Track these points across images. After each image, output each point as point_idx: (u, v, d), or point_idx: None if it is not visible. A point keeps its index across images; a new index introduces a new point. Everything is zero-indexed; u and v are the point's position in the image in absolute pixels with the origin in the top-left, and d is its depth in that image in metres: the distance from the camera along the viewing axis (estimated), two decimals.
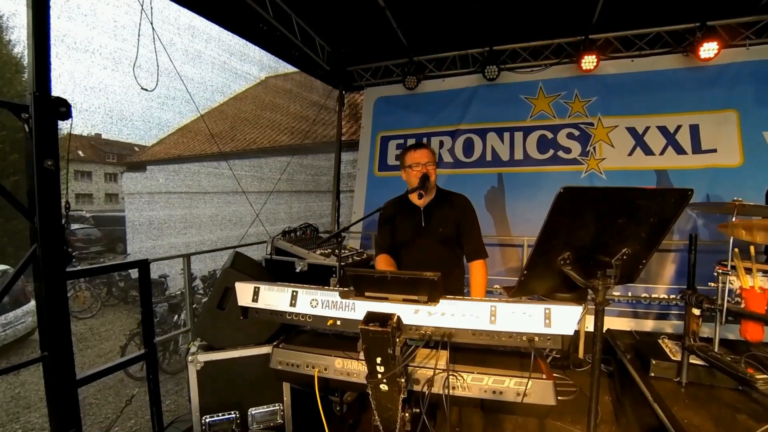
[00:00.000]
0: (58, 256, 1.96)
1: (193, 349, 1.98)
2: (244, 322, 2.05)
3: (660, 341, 3.04)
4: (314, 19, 4.66)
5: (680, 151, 4.36)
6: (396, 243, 2.31)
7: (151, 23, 2.90)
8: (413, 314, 1.27)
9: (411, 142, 5.09)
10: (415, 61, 5.16)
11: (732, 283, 2.10)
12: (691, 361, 2.59)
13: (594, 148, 4.57)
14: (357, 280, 1.36)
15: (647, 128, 4.49)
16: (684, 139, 4.38)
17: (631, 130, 4.53)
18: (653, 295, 4.07)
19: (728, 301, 2.09)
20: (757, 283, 2.02)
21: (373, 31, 4.73)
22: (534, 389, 1.42)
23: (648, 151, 4.45)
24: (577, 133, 4.66)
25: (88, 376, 2.23)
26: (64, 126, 1.98)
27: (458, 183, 4.73)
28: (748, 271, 2.08)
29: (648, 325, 4.09)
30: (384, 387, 1.32)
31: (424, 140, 5.07)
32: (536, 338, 1.20)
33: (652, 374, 2.71)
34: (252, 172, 6.80)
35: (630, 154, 4.48)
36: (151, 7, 3.16)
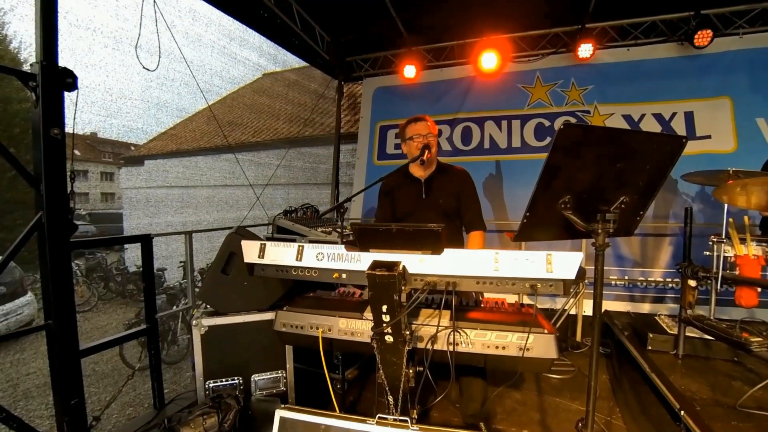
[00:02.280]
0: (63, 225, 1.97)
1: (197, 314, 2.00)
2: (248, 288, 2.09)
3: (657, 318, 3.09)
4: (314, 7, 4.68)
5: None
6: (397, 215, 2.34)
7: (155, 1, 2.92)
8: (418, 263, 1.30)
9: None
10: (413, 51, 5.19)
11: (726, 252, 2.14)
12: (688, 333, 2.64)
13: None
14: (362, 235, 1.39)
15: (643, 116, 4.55)
16: (679, 126, 4.44)
17: (627, 118, 4.59)
18: (649, 279, 4.13)
19: (723, 269, 2.14)
20: (751, 250, 2.07)
21: (372, 20, 4.76)
22: (536, 343, 1.45)
23: None
24: (574, 120, 4.71)
25: (92, 347, 2.24)
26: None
27: None
28: (742, 240, 2.12)
29: (645, 308, 4.14)
30: (389, 338, 1.35)
31: None
32: (539, 284, 1.23)
33: (650, 348, 2.76)
34: (250, 157, 6.84)
35: None
36: None
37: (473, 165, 4.91)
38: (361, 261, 1.33)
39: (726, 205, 2.15)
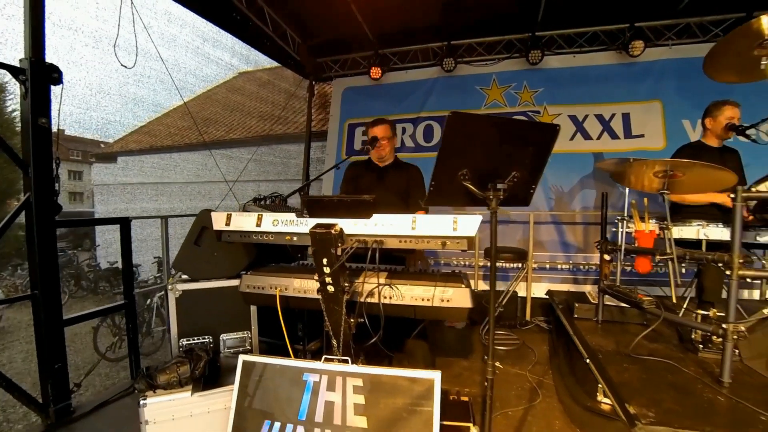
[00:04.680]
0: (49, 205, 2.20)
1: (173, 280, 2.26)
2: (217, 257, 2.37)
3: (587, 292, 3.51)
4: (286, 11, 4.93)
5: (614, 136, 4.90)
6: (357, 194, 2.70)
7: (132, 3, 3.14)
8: (353, 226, 1.62)
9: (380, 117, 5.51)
10: (380, 54, 5.53)
11: (629, 229, 2.55)
12: (607, 302, 3.06)
13: None
14: (310, 205, 1.71)
15: (586, 116, 5.02)
16: (617, 125, 4.92)
17: (573, 118, 5.05)
18: (591, 262, 4.58)
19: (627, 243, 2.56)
20: (648, 226, 2.48)
21: (341, 25, 5.06)
22: (455, 295, 1.79)
23: (587, 136, 4.97)
24: (525, 120, 5.14)
25: (74, 317, 2.47)
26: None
27: (419, 166, 5.12)
28: (642, 219, 2.54)
29: (587, 289, 4.58)
30: (330, 288, 1.66)
31: None
32: (448, 241, 1.57)
33: (576, 316, 3.16)
34: (221, 152, 7.04)
35: (571, 139, 5.00)
36: None
37: (434, 160, 5.27)
38: (309, 225, 1.64)
39: (627, 189, 2.57)
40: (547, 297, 4.24)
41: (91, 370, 2.87)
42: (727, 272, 1.90)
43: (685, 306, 2.61)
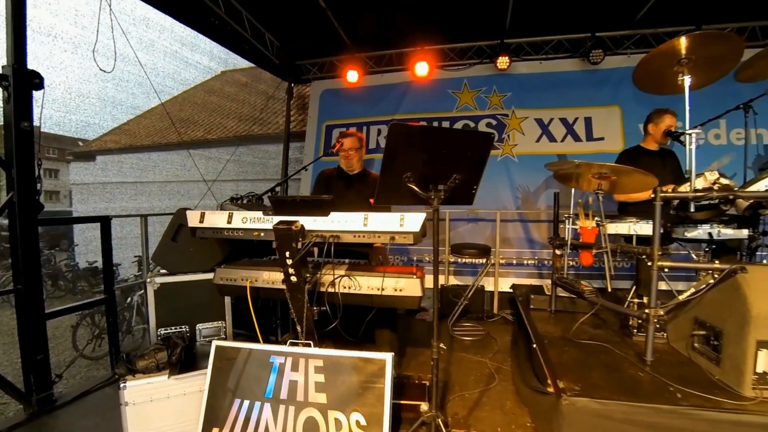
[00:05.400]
0: (32, 203, 2.33)
1: (151, 274, 2.42)
2: (193, 252, 2.53)
3: (544, 285, 3.77)
4: (264, 15, 5.05)
5: (577, 138, 5.20)
6: None
7: (110, 6, 3.26)
8: (312, 223, 1.81)
9: (352, 130, 5.67)
10: (356, 57, 5.71)
11: (576, 225, 2.81)
12: (559, 293, 3.32)
13: (508, 136, 5.34)
14: (276, 204, 1.90)
15: (551, 119, 5.31)
16: (580, 129, 5.22)
17: (539, 121, 5.33)
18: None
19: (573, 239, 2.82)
20: (590, 223, 2.74)
21: (318, 29, 5.22)
22: (407, 285, 2.01)
23: (552, 139, 5.26)
24: (494, 122, 5.42)
25: (56, 311, 2.60)
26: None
27: None
28: (587, 216, 2.79)
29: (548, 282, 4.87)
30: (294, 278, 1.85)
31: (364, 129, 5.67)
32: (396, 236, 1.78)
33: (532, 306, 3.42)
34: (200, 152, 7.13)
35: (537, 141, 5.28)
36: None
37: None
38: (274, 222, 1.83)
39: (573, 189, 2.83)
40: (511, 291, 4.50)
41: (73, 361, 2.99)
42: (649, 263, 2.16)
43: (630, 297, 2.88)
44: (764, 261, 3.13)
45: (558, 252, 3.09)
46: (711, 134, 4.87)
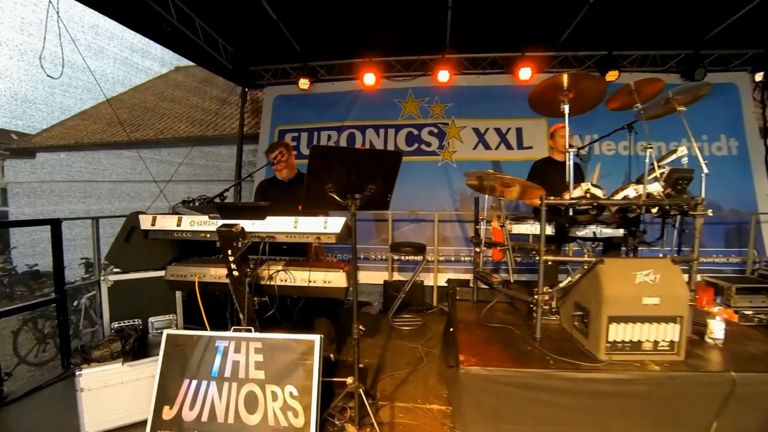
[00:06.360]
0: None
1: (105, 272, 2.62)
2: (145, 252, 2.77)
3: (470, 279, 4.24)
4: (217, 23, 5.20)
5: (509, 147, 5.78)
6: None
7: (57, 13, 3.38)
8: (251, 225, 2.13)
9: (305, 135, 5.99)
10: (308, 66, 6.01)
11: (489, 225, 3.29)
12: (480, 286, 3.79)
13: (448, 143, 5.85)
14: (220, 209, 2.20)
15: (487, 129, 5.86)
16: (512, 138, 5.81)
17: (476, 130, 5.86)
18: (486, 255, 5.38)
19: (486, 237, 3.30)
20: (499, 222, 3.22)
21: (271, 38, 5.45)
22: (334, 278, 2.37)
23: (487, 147, 5.81)
24: (436, 131, 5.90)
25: (2, 311, 2.74)
26: None
27: None
28: (498, 218, 3.27)
29: None
30: (236, 273, 2.17)
31: (315, 134, 6.00)
32: (321, 236, 2.14)
33: (458, 298, 3.87)
34: (151, 154, 7.14)
35: (474, 149, 5.82)
36: (57, 8, 3.62)
37: None
38: (218, 225, 2.13)
39: (486, 195, 3.30)
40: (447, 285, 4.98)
41: (21, 362, 3.12)
42: (537, 258, 2.65)
43: (540, 288, 3.39)
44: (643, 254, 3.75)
45: (478, 249, 3.56)
46: (604, 147, 5.59)
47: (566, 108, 2.77)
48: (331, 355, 3.16)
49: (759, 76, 5.80)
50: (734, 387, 2.18)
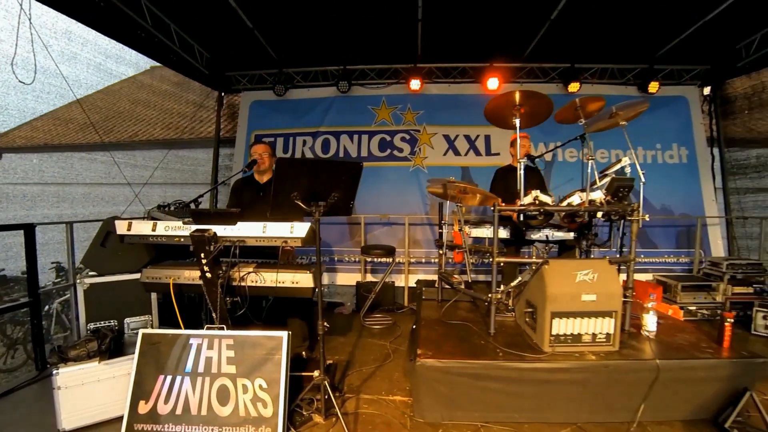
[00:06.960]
0: None
1: (81, 275, 2.72)
2: (121, 256, 2.88)
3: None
4: (193, 29, 5.25)
5: (477, 153, 6.06)
6: (242, 206, 3.31)
7: (30, 19, 3.44)
8: (223, 230, 2.29)
9: (281, 140, 6.13)
10: (284, 72, 6.16)
11: (452, 229, 3.53)
12: (444, 286, 4.02)
13: (419, 149, 6.08)
14: (194, 215, 2.35)
15: (457, 136, 6.12)
16: (480, 145, 6.09)
17: (446, 137, 6.12)
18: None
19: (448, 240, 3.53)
20: (458, 227, 3.46)
21: (246, 45, 5.55)
22: (302, 279, 2.53)
23: (457, 153, 6.07)
24: (408, 137, 6.13)
25: None
26: None
27: None
28: (460, 222, 3.51)
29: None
30: (208, 275, 2.32)
31: (291, 139, 6.15)
32: (288, 240, 2.31)
33: (424, 297, 4.10)
34: (126, 159, 7.13)
35: (444, 155, 6.07)
36: (30, 14, 3.68)
37: None
38: (192, 230, 2.28)
39: (448, 202, 3.54)
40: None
41: None
42: (491, 259, 2.89)
43: (493, 287, 3.64)
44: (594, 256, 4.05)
45: (440, 252, 3.79)
46: (567, 153, 5.96)
47: (517, 122, 3.02)
48: (303, 353, 3.32)
49: (707, 90, 6.27)
50: (659, 373, 2.46)
